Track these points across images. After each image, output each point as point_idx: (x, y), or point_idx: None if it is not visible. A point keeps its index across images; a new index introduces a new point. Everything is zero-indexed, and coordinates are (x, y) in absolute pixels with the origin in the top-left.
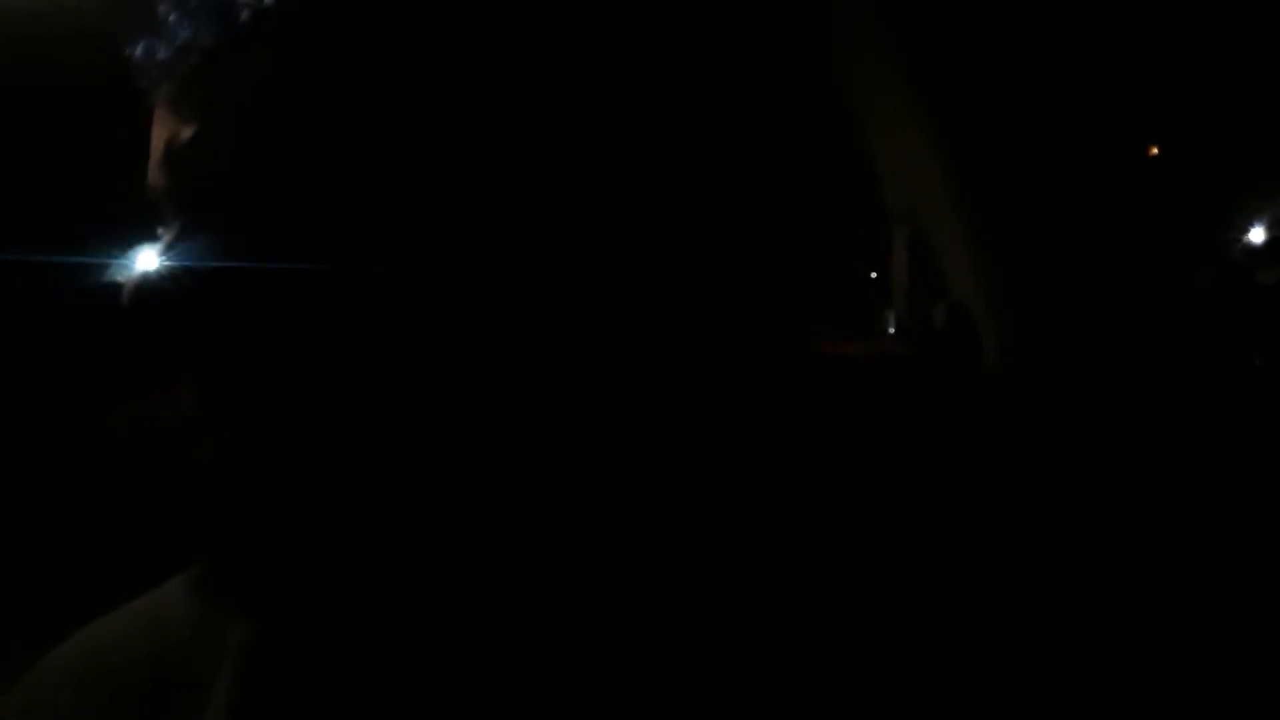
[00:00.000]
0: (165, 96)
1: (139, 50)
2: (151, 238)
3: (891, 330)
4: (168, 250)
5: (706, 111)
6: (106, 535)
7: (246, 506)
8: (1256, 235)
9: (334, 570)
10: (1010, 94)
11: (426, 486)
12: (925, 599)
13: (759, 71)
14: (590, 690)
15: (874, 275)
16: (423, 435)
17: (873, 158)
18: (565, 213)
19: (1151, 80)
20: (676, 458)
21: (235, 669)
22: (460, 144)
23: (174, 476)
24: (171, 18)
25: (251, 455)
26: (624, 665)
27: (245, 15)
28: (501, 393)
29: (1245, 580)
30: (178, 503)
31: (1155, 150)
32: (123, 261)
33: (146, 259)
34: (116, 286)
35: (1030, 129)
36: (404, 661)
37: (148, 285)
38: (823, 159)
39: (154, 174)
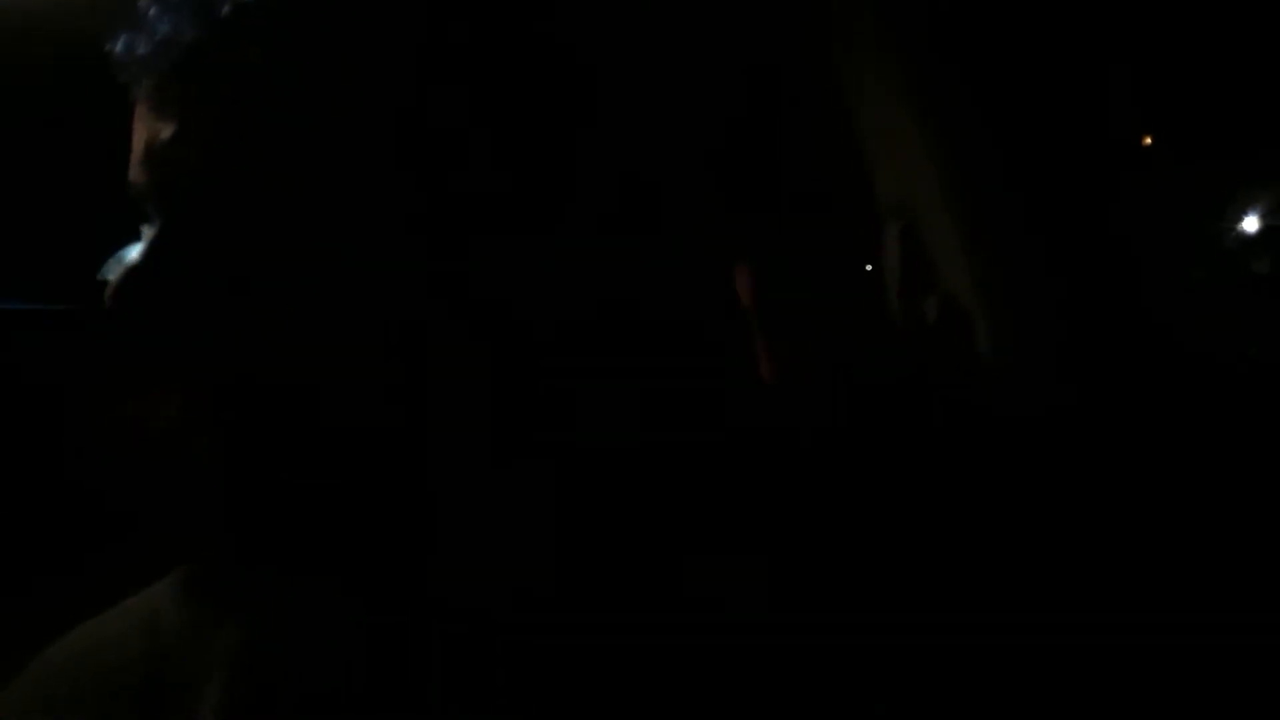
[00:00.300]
0: (147, 93)
1: (120, 43)
2: (137, 236)
3: (886, 325)
4: (154, 248)
5: (703, 109)
6: (100, 535)
7: (239, 507)
8: (1249, 226)
9: (326, 571)
10: (1005, 89)
11: (421, 488)
12: (921, 595)
13: (755, 69)
14: (582, 693)
15: (869, 269)
16: (416, 435)
17: (868, 153)
18: (558, 212)
19: (1146, 75)
20: (673, 456)
21: (227, 669)
22: (448, 142)
23: (167, 476)
24: (152, 13)
25: (243, 455)
26: (617, 667)
27: (227, 11)
28: (498, 393)
29: (1238, 572)
30: (171, 503)
31: (1148, 143)
32: (110, 260)
33: (134, 257)
34: (103, 285)
35: (1025, 124)
36: (396, 663)
37: (135, 284)
38: (818, 155)
39: (136, 171)
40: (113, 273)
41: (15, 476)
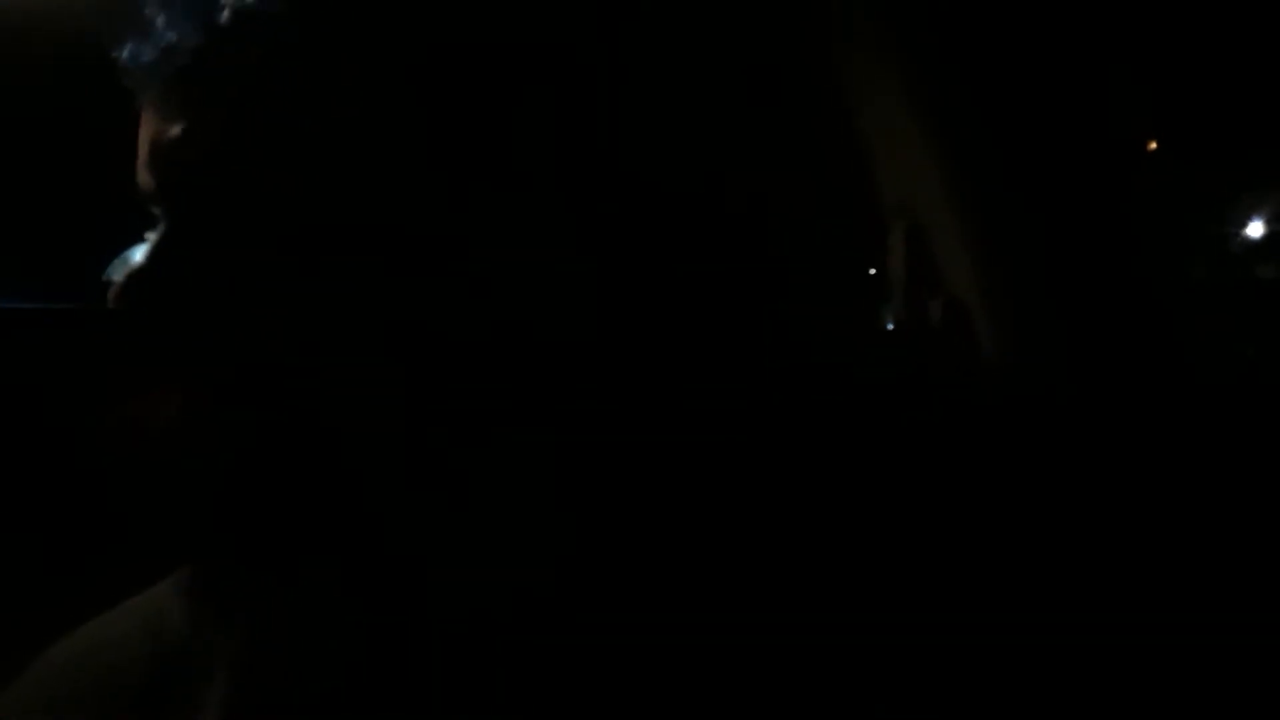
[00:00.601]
0: (152, 97)
1: (126, 50)
2: (142, 237)
3: (890, 326)
4: (159, 249)
5: (703, 110)
6: (102, 535)
7: (241, 507)
8: (1253, 230)
9: (328, 572)
10: (1008, 90)
11: (422, 488)
12: (925, 595)
13: (756, 71)
14: (583, 692)
15: (872, 271)
16: (418, 435)
17: (871, 154)
18: (558, 213)
19: (1149, 76)
20: (676, 458)
21: (230, 670)
22: (453, 143)
23: (169, 477)
24: (158, 17)
25: (245, 455)
26: (619, 665)
27: (230, 14)
28: (498, 397)
29: (1237, 572)
30: (173, 503)
31: (1153, 145)
32: (115, 261)
33: (136, 259)
34: (106, 286)
35: (1028, 125)
36: (398, 663)
37: (139, 284)
38: (821, 156)
39: (142, 174)
40: (118, 273)
41: (17, 476)
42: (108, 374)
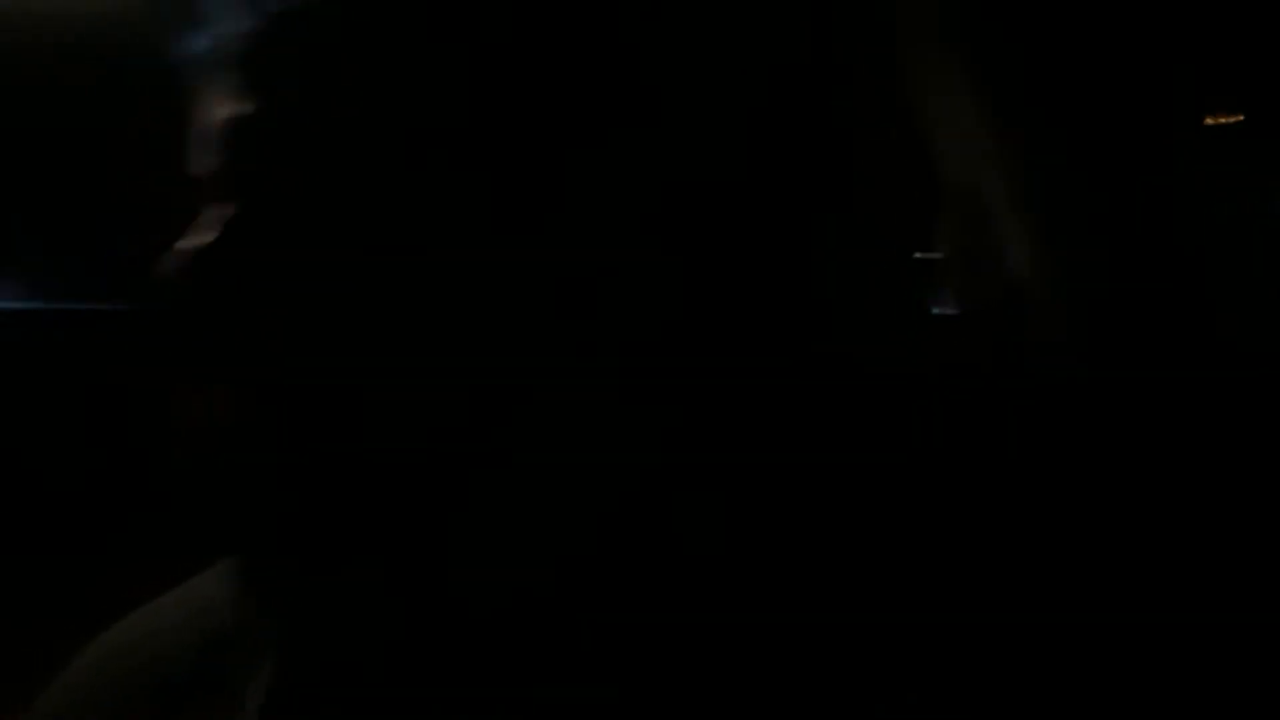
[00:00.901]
0: (204, 89)
1: (181, 49)
2: (186, 235)
3: (944, 310)
4: (207, 245)
5: (754, 95)
6: (148, 526)
7: (285, 499)
8: None
9: (374, 564)
10: (1066, 69)
11: (461, 483)
12: (966, 588)
13: (809, 53)
14: (638, 680)
15: (923, 256)
16: (458, 431)
17: (925, 137)
18: (593, 214)
19: (1215, 56)
20: (716, 449)
21: (276, 659)
22: (505, 138)
23: (216, 468)
24: (213, 17)
25: (288, 449)
26: (673, 658)
27: (280, 7)
28: (517, 398)
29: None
30: (217, 493)
31: (1227, 122)
32: (162, 258)
33: (184, 250)
34: (157, 283)
35: (1087, 105)
36: (441, 655)
37: (186, 275)
38: (874, 141)
39: (194, 162)
40: (167, 270)
41: (65, 468)
42: (153, 368)
